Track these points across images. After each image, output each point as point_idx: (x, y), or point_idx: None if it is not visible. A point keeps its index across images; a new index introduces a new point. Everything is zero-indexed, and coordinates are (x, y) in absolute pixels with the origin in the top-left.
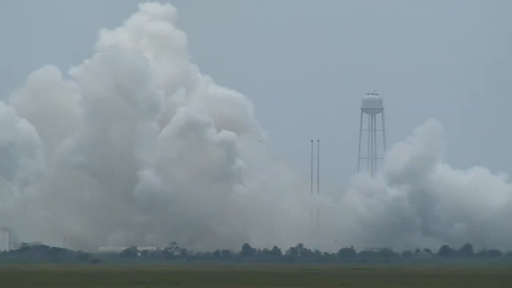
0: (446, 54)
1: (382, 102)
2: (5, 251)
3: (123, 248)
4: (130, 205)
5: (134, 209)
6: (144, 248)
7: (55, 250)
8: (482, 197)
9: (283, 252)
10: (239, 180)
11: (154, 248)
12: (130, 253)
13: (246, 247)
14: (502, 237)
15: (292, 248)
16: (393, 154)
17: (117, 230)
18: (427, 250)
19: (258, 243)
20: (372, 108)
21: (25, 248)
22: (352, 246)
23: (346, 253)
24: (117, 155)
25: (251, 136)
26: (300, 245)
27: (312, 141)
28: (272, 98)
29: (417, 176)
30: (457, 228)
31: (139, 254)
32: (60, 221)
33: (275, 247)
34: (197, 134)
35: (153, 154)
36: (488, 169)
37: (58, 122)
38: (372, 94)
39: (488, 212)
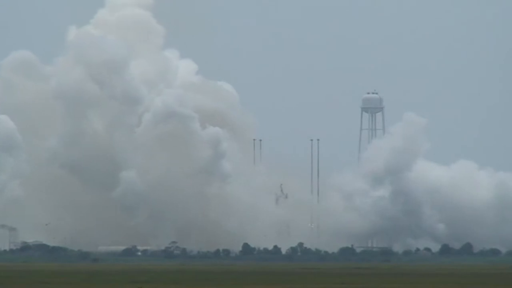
0: (446, 52)
1: (382, 101)
2: (5, 250)
3: (123, 247)
4: (113, 205)
5: (116, 209)
6: (144, 247)
7: (55, 249)
8: (468, 193)
9: (283, 251)
10: (224, 179)
11: (154, 247)
12: (130, 252)
13: (246, 246)
14: (489, 234)
15: (292, 247)
16: (372, 154)
17: (102, 229)
18: (427, 249)
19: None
20: (372, 107)
21: (25, 247)
22: (352, 245)
23: (346, 252)
24: (97, 154)
25: (243, 133)
26: (300, 244)
27: (311, 140)
28: (272, 97)
29: (397, 174)
30: (442, 227)
31: (139, 253)
32: (42, 219)
33: (275, 246)
34: (179, 127)
35: (134, 153)
36: (476, 163)
37: (38, 117)
38: (372, 93)
39: (474, 209)
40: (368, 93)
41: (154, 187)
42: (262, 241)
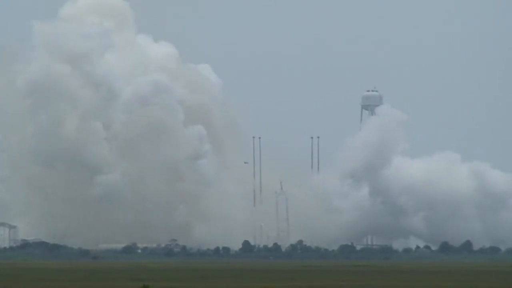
0: (445, 50)
1: (382, 99)
2: (5, 248)
3: (123, 245)
4: (94, 201)
5: (96, 205)
6: (144, 245)
7: (55, 246)
8: (448, 186)
9: (283, 249)
10: (202, 180)
11: (154, 245)
12: (130, 249)
13: (246, 244)
14: (473, 228)
15: (292, 245)
16: (350, 151)
17: (102, 227)
18: (427, 247)
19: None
20: (372, 105)
21: (25, 245)
22: (352, 243)
23: (346, 249)
24: (73, 150)
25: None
26: (300, 242)
27: (312, 137)
28: (272, 95)
29: (375, 172)
30: (424, 224)
31: (139, 251)
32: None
33: (275, 244)
34: (160, 119)
35: (110, 149)
36: (459, 155)
37: (13, 113)
38: (372, 90)
39: (454, 203)
40: (368, 91)
41: (132, 186)
42: (263, 239)
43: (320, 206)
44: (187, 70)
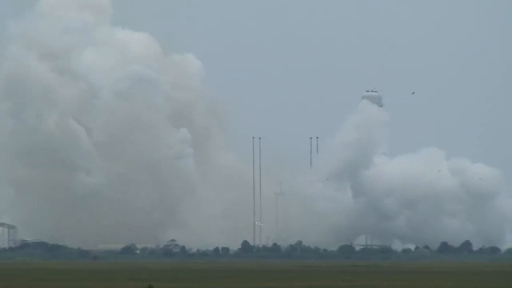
0: (445, 50)
1: (382, 99)
2: (4, 248)
3: (122, 245)
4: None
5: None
6: (143, 245)
7: (55, 247)
8: (432, 183)
9: (283, 249)
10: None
11: (154, 245)
12: (129, 250)
13: (245, 244)
14: (462, 227)
15: (291, 245)
16: (331, 151)
17: (102, 227)
18: (426, 247)
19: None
20: None
21: (24, 245)
22: (351, 243)
23: (346, 250)
24: (53, 149)
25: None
26: (300, 242)
27: (311, 138)
28: (271, 95)
29: (355, 172)
30: (405, 224)
31: (137, 251)
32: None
33: (275, 244)
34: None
35: (93, 148)
36: (443, 152)
37: None
38: (372, 91)
39: (440, 201)
40: (368, 91)
41: (118, 186)
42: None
43: (305, 208)
44: (172, 65)
